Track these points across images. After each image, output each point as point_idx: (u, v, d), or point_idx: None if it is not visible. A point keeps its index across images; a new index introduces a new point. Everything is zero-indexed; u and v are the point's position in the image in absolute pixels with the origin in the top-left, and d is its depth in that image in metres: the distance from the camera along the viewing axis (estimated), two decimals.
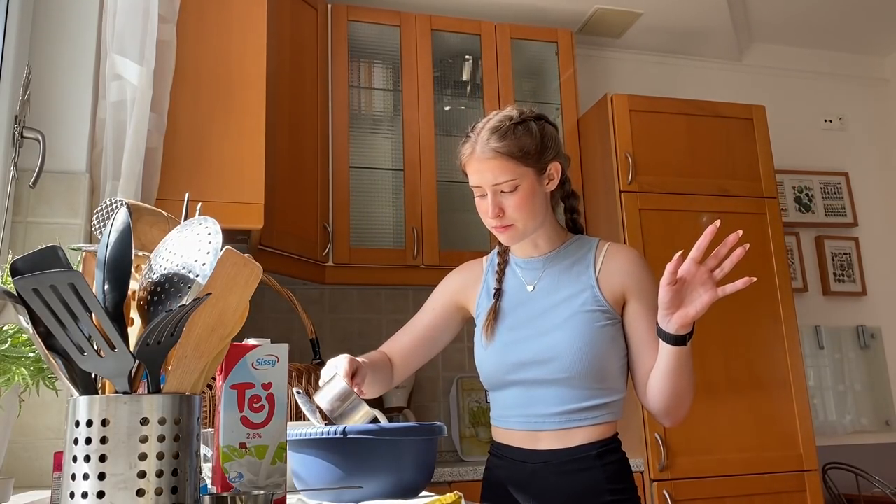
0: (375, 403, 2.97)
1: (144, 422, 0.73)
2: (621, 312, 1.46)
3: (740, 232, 1.23)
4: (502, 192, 1.41)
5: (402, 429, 1.21)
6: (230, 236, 2.30)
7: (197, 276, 0.77)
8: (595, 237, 1.55)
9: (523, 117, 1.45)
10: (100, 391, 0.79)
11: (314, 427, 1.21)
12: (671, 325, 1.29)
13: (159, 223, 1.07)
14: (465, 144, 1.46)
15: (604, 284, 1.45)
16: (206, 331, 0.82)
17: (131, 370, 0.76)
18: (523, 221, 1.44)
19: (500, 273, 1.56)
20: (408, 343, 1.60)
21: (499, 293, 1.53)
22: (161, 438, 0.73)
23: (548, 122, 1.49)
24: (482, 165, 1.41)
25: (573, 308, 1.44)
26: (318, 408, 1.30)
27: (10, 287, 0.81)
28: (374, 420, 1.31)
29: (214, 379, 1.03)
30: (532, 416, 1.44)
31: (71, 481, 0.72)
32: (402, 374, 1.59)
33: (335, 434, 1.17)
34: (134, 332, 0.82)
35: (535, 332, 1.45)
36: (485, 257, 1.64)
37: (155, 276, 0.80)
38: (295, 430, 1.20)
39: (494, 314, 1.50)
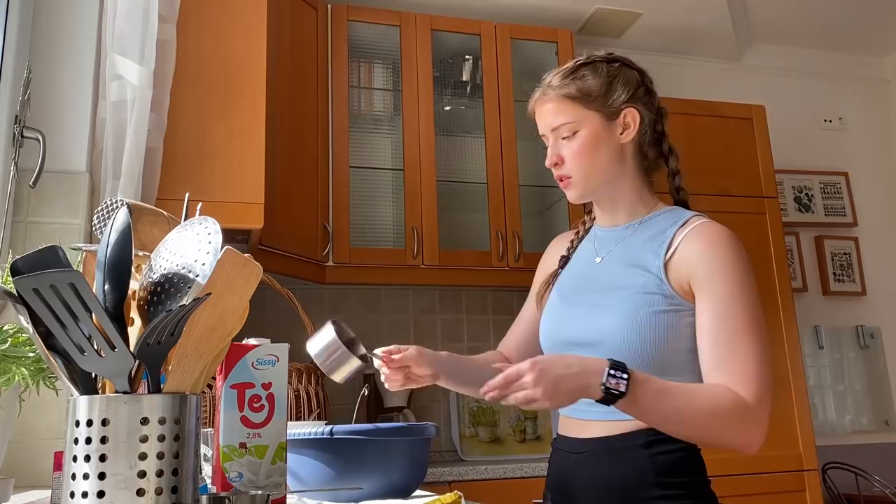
0: (376, 403, 2.97)
1: (144, 421, 0.73)
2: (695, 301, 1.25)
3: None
4: (563, 138, 1.32)
5: (390, 430, 1.22)
6: (230, 236, 2.30)
7: (197, 276, 0.77)
8: (691, 211, 1.36)
9: (592, 59, 1.36)
10: (100, 391, 0.79)
11: (304, 427, 1.21)
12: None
13: (160, 223, 1.07)
14: (535, 91, 1.39)
15: (672, 267, 1.25)
16: (206, 331, 0.82)
17: (131, 370, 0.76)
18: (581, 173, 1.31)
19: (576, 241, 1.45)
20: (519, 335, 1.53)
21: (565, 261, 1.42)
22: (161, 438, 0.73)
23: (626, 65, 1.38)
24: (542, 108, 1.36)
25: (633, 287, 1.26)
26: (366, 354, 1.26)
27: (10, 287, 0.81)
28: (369, 363, 1.27)
29: (214, 379, 1.03)
30: (582, 401, 1.21)
31: (71, 481, 0.72)
32: None
33: (322, 435, 1.18)
34: (134, 332, 0.82)
35: (585, 309, 1.31)
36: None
37: (155, 276, 0.80)
38: (288, 430, 1.21)
39: (553, 284, 1.40)
